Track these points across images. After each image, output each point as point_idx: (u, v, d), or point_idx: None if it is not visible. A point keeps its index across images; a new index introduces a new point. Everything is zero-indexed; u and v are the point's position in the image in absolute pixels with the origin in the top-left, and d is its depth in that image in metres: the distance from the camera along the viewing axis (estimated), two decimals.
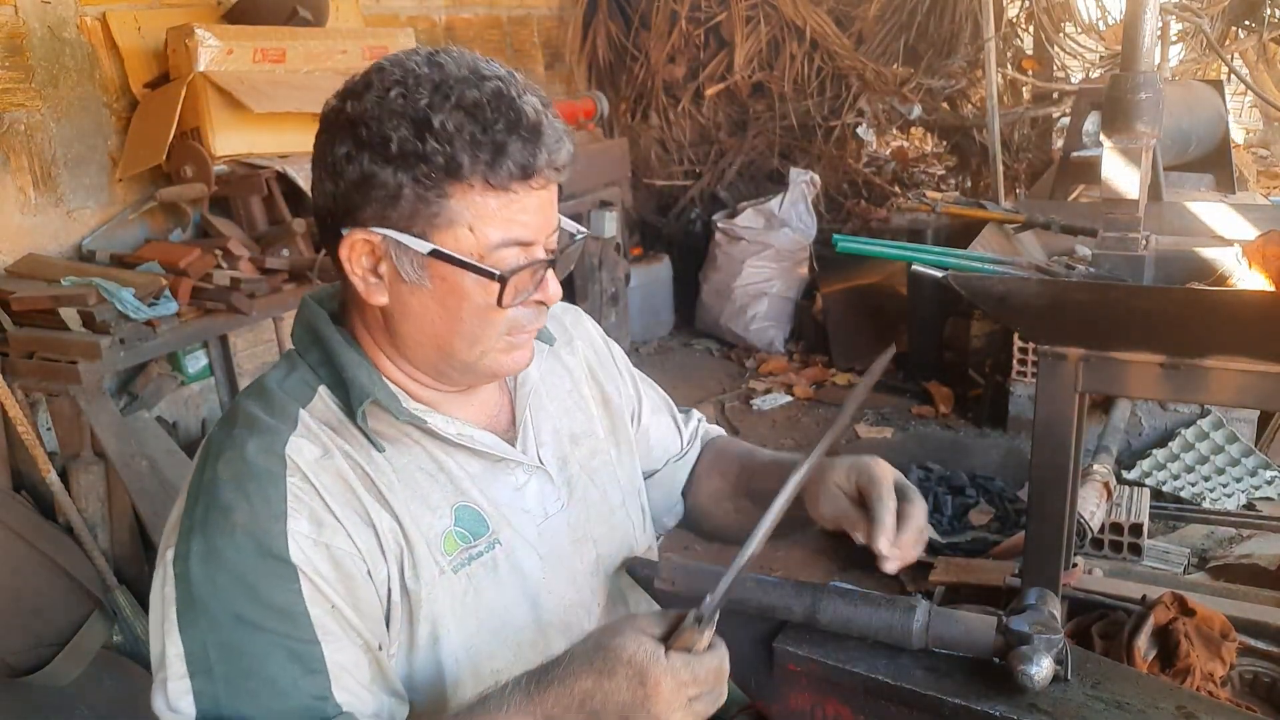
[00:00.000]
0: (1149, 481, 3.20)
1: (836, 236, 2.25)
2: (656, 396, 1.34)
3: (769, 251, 5.00)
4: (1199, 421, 3.38)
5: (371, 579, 0.95)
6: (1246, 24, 4.97)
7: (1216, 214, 2.36)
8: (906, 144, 6.00)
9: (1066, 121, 4.14)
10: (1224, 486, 3.16)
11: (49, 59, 2.80)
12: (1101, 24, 5.01)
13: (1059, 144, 4.75)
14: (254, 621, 0.88)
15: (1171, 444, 3.37)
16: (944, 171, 5.70)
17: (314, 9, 3.23)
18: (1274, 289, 1.87)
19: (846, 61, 5.13)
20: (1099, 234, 2.01)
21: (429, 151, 0.87)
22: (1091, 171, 2.68)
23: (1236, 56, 5.01)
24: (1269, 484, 3.13)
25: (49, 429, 2.55)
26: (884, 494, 1.06)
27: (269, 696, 0.88)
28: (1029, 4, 4.93)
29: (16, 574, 2.24)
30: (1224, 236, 2.28)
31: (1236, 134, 5.90)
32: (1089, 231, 2.15)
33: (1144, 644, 1.88)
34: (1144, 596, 2.03)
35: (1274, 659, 1.98)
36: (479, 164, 0.89)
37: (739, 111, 5.56)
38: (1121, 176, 1.90)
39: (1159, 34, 3.62)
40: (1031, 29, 5.04)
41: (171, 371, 3.03)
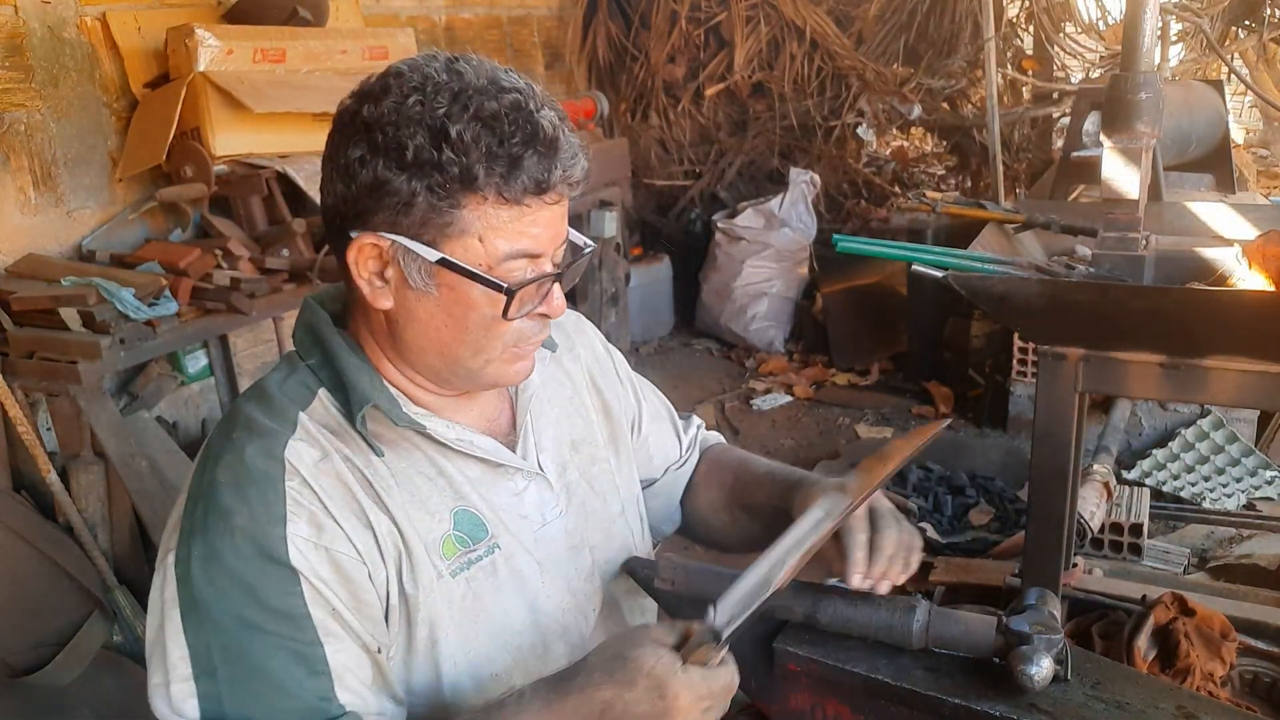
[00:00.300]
0: (1149, 481, 3.20)
1: (836, 236, 2.25)
2: (657, 403, 1.34)
3: (769, 251, 5.00)
4: (1199, 421, 3.38)
5: (371, 582, 0.95)
6: (1246, 24, 4.96)
7: (1216, 214, 2.35)
8: (906, 144, 6.00)
9: (1066, 121, 4.14)
10: (1224, 486, 3.16)
11: (49, 59, 2.80)
12: (1101, 24, 5.01)
13: (1059, 144, 4.75)
14: (256, 624, 0.88)
15: (1171, 444, 3.37)
16: (944, 171, 5.70)
17: (314, 9, 3.23)
18: (1274, 289, 1.87)
19: (846, 61, 5.13)
20: (1099, 234, 2.00)
21: (444, 161, 0.87)
22: (1091, 171, 2.68)
23: (1236, 56, 5.01)
24: (1269, 484, 3.13)
25: (49, 429, 2.55)
26: (853, 527, 1.06)
27: (273, 697, 0.89)
28: (1029, 4, 4.93)
29: (16, 574, 2.24)
30: (1224, 236, 2.28)
31: (1236, 134, 5.90)
32: (1089, 231, 2.14)
33: (1144, 644, 1.88)
34: (1144, 596, 2.03)
35: (1274, 659, 1.98)
36: (494, 176, 0.89)
37: (739, 111, 5.56)
38: (1121, 176, 1.90)
39: (1159, 34, 3.62)
40: (1031, 29, 5.04)
41: (171, 371, 3.03)
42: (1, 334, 2.45)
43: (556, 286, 0.99)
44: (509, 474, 1.08)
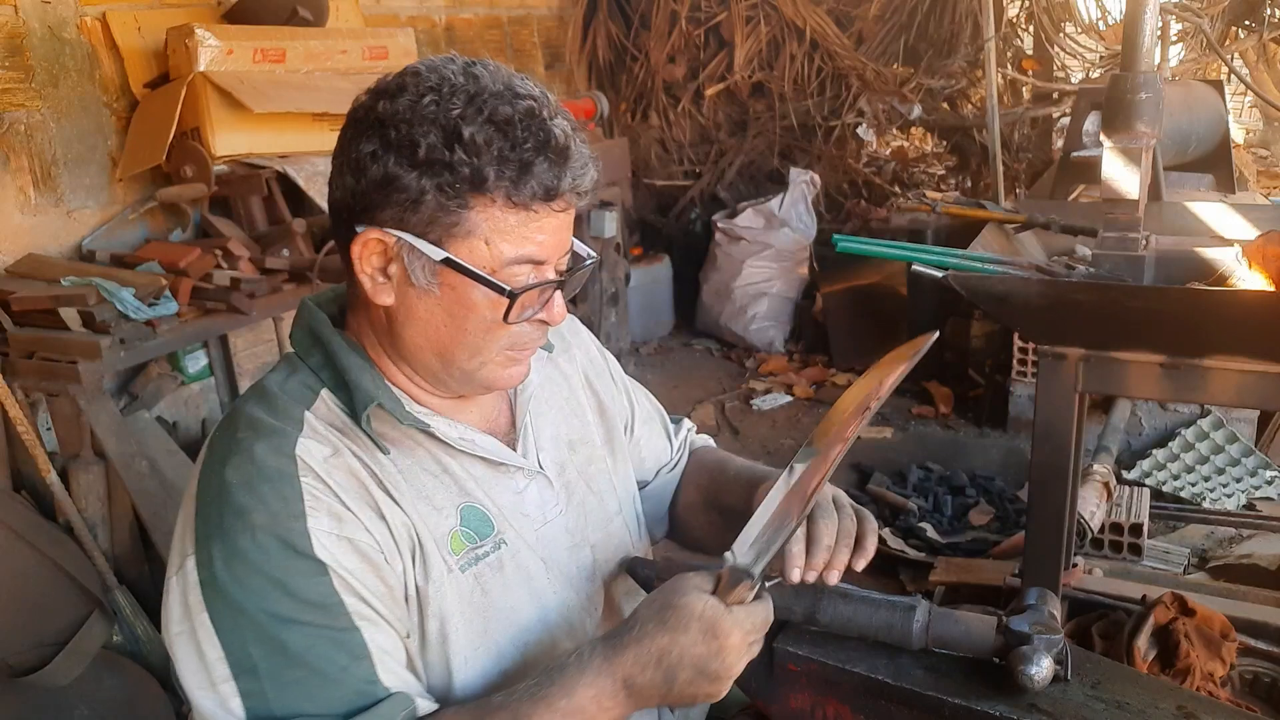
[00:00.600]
0: (1149, 481, 3.20)
1: (836, 236, 2.25)
2: (649, 406, 1.35)
3: (769, 251, 5.00)
4: (1199, 421, 3.38)
5: (391, 570, 0.96)
6: (1246, 24, 4.96)
7: (1216, 214, 2.35)
8: (906, 144, 6.00)
9: (1066, 121, 4.14)
10: (1224, 486, 3.16)
11: (49, 59, 2.80)
12: (1101, 24, 5.01)
13: (1059, 144, 4.75)
14: (290, 617, 0.89)
15: (1171, 444, 3.37)
16: (944, 171, 5.69)
17: (314, 9, 3.23)
18: (1274, 289, 1.87)
19: (846, 61, 5.13)
20: (1099, 234, 2.00)
21: (455, 161, 0.88)
22: (1091, 171, 2.67)
23: (1236, 56, 5.01)
24: (1269, 484, 3.13)
25: (49, 429, 2.55)
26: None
27: (318, 686, 0.89)
28: (1029, 4, 4.93)
29: (16, 574, 2.23)
30: (1224, 236, 2.28)
31: (1236, 134, 5.90)
32: (1089, 231, 2.14)
33: (1144, 644, 1.88)
34: (1144, 596, 2.03)
35: (1274, 659, 1.98)
36: (504, 180, 0.89)
37: (739, 111, 5.56)
38: (1121, 176, 1.90)
39: (1159, 34, 3.62)
40: (1031, 29, 5.04)
41: (171, 371, 3.03)
42: (1, 334, 2.44)
43: (558, 294, 1.00)
44: (510, 473, 1.08)
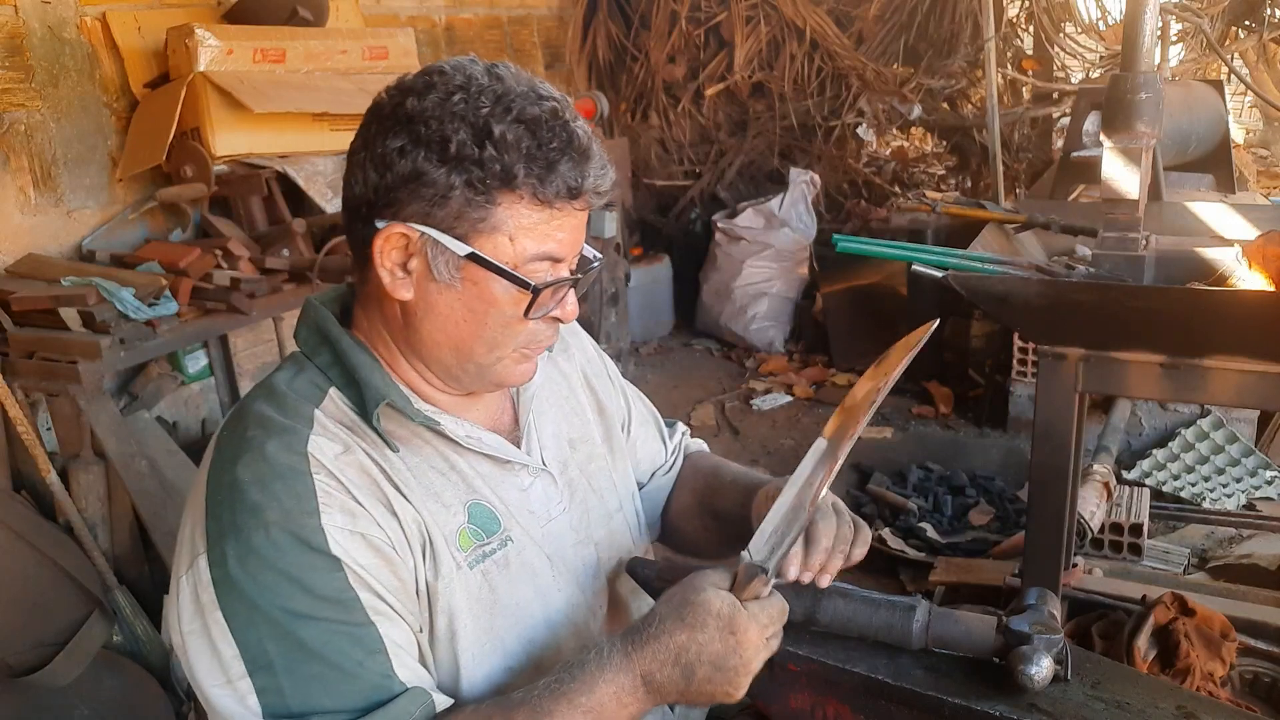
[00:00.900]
0: (1149, 481, 3.20)
1: (836, 236, 2.25)
2: (644, 409, 1.36)
3: (769, 251, 5.00)
4: (1199, 421, 3.38)
5: (403, 565, 0.96)
6: (1246, 24, 4.96)
7: (1216, 214, 2.35)
8: (906, 144, 6.00)
9: (1066, 121, 4.14)
10: (1224, 486, 3.16)
11: (49, 59, 2.80)
12: (1101, 24, 5.01)
13: (1059, 144, 4.75)
14: (306, 613, 0.89)
15: (1171, 444, 3.37)
16: (944, 171, 5.69)
17: (314, 9, 3.24)
18: (1274, 289, 1.87)
19: (846, 61, 5.13)
20: (1099, 234, 2.00)
21: (485, 158, 0.90)
22: (1091, 171, 2.67)
23: (1236, 56, 5.01)
24: (1269, 484, 3.13)
25: (49, 429, 2.55)
26: None
27: (335, 681, 0.89)
28: (1029, 4, 4.93)
29: (16, 574, 2.23)
30: (1224, 236, 2.28)
31: (1236, 134, 5.90)
32: (1089, 231, 2.14)
33: (1144, 644, 1.88)
34: (1144, 596, 2.03)
35: (1274, 659, 1.98)
36: (531, 177, 0.91)
37: (739, 111, 5.56)
38: (1121, 176, 1.90)
39: (1159, 34, 3.62)
40: (1031, 29, 5.04)
41: (171, 371, 3.03)
42: (1, 334, 2.44)
43: (572, 292, 1.02)
44: (515, 470, 1.09)
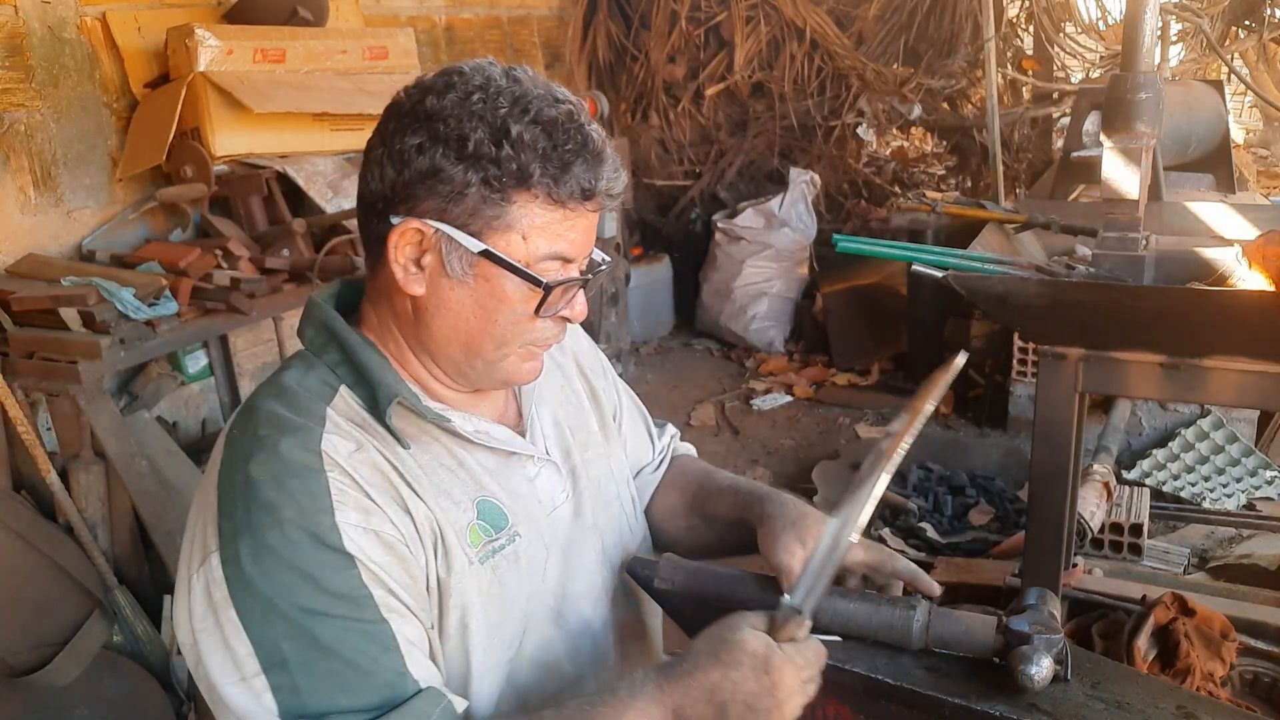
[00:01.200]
0: (1149, 481, 3.20)
1: (836, 236, 2.25)
2: (634, 407, 1.37)
3: (769, 251, 5.00)
4: (1199, 421, 3.38)
5: (415, 562, 0.97)
6: (1246, 24, 4.97)
7: (1216, 214, 2.36)
8: (906, 144, 6.00)
9: (1066, 121, 4.14)
10: (1224, 486, 3.16)
11: (49, 59, 2.80)
12: (1101, 24, 5.01)
13: (1059, 144, 4.75)
14: (320, 610, 0.89)
15: (1171, 444, 3.37)
16: (944, 171, 5.70)
17: (314, 9, 3.24)
18: (1274, 289, 1.87)
19: (846, 61, 5.13)
20: (1099, 234, 2.00)
21: (503, 157, 0.92)
22: (1091, 171, 2.67)
23: (1236, 56, 5.01)
24: (1269, 484, 3.13)
25: (49, 429, 2.55)
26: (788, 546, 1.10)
27: (350, 678, 0.89)
28: (1029, 4, 4.93)
29: (17, 574, 2.24)
30: (1224, 236, 2.28)
31: (1236, 134, 5.90)
32: (1089, 231, 2.14)
33: (1144, 644, 1.88)
34: (1144, 596, 2.03)
35: (1274, 659, 1.98)
36: (547, 176, 0.93)
37: (739, 111, 5.56)
38: (1121, 176, 1.90)
39: (1159, 34, 3.62)
40: (1031, 29, 5.04)
41: (171, 371, 3.03)
42: (1, 334, 2.44)
43: (581, 292, 1.03)
44: (521, 461, 1.10)
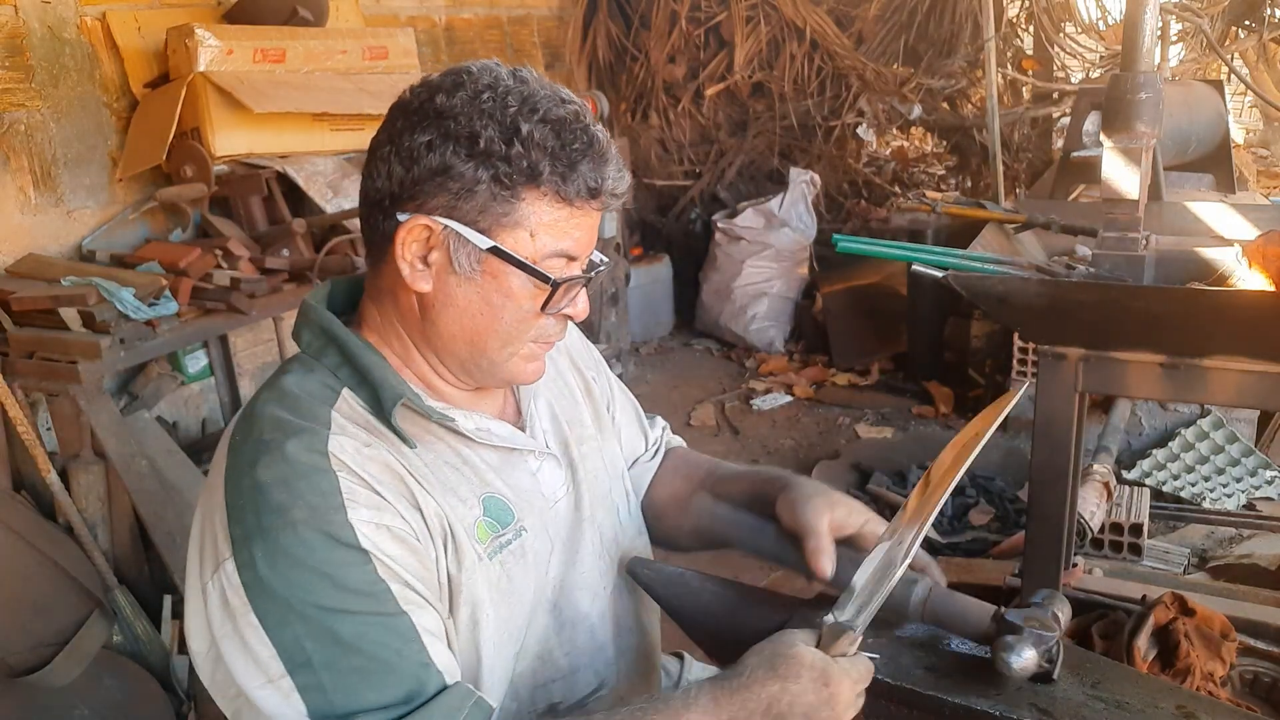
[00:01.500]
0: (1149, 481, 3.20)
1: (836, 236, 2.25)
2: (625, 399, 1.37)
3: (769, 251, 5.00)
4: (1199, 421, 3.38)
5: (426, 556, 0.97)
6: (1246, 24, 4.97)
7: (1216, 214, 2.36)
8: (906, 144, 6.00)
9: (1066, 121, 4.14)
10: (1224, 486, 3.16)
11: (49, 59, 2.80)
12: (1101, 24, 5.01)
13: (1059, 144, 4.75)
14: (340, 607, 0.89)
15: (1171, 444, 3.37)
16: (944, 171, 5.70)
17: (314, 9, 3.24)
18: (1274, 289, 1.87)
19: (846, 61, 5.13)
20: (1099, 234, 2.00)
21: (513, 154, 0.93)
22: (1091, 171, 2.68)
23: (1236, 56, 5.01)
24: (1269, 484, 3.13)
25: (49, 429, 2.55)
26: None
27: (376, 672, 0.89)
28: (1029, 4, 4.93)
29: (16, 574, 2.23)
30: (1224, 236, 2.28)
31: (1236, 134, 5.90)
32: (1089, 231, 2.14)
33: (1144, 644, 1.88)
34: (1144, 596, 2.03)
35: (1274, 659, 1.98)
36: (555, 174, 0.95)
37: (739, 111, 5.56)
38: (1121, 176, 1.90)
39: (1159, 34, 3.62)
40: (1031, 29, 5.04)
41: (171, 371, 3.03)
42: (1, 334, 2.44)
43: (584, 291, 1.04)
44: (523, 456, 1.11)
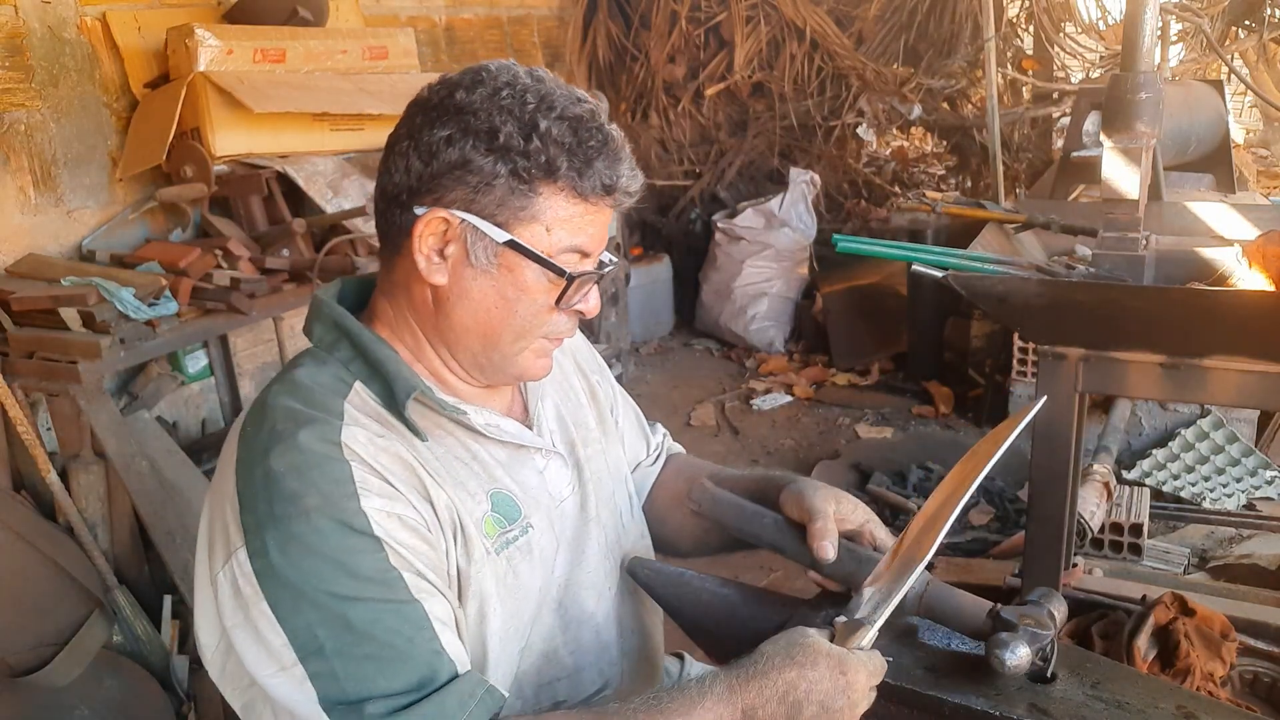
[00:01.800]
0: (1149, 481, 3.20)
1: (836, 236, 2.25)
2: (628, 404, 1.38)
3: (769, 251, 5.00)
4: (1199, 421, 3.38)
5: (437, 547, 0.98)
6: (1246, 24, 4.97)
7: (1216, 214, 2.36)
8: (906, 144, 6.00)
9: (1066, 121, 4.14)
10: (1224, 486, 3.16)
11: (49, 59, 2.80)
12: (1101, 24, 5.01)
13: (1059, 144, 4.75)
14: (352, 595, 0.90)
15: (1171, 444, 3.37)
16: (944, 171, 5.70)
17: (314, 9, 3.23)
18: (1274, 289, 1.87)
19: (846, 61, 5.13)
20: (1099, 234, 2.01)
21: (531, 150, 0.95)
22: (1091, 171, 2.68)
23: (1236, 56, 5.01)
24: (1269, 484, 3.13)
25: (49, 429, 2.55)
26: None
27: (388, 659, 0.90)
28: (1029, 4, 4.93)
29: (16, 574, 2.24)
30: (1224, 236, 2.28)
31: (1236, 134, 5.90)
32: (1089, 231, 2.14)
33: (1144, 644, 1.88)
34: (1144, 596, 2.03)
35: (1274, 659, 1.98)
36: (571, 170, 0.97)
37: (739, 111, 5.56)
38: (1121, 176, 1.90)
39: (1159, 34, 3.62)
40: (1031, 29, 5.04)
41: (171, 371, 3.03)
42: (1, 334, 2.44)
43: (595, 287, 1.05)
44: (530, 454, 1.12)
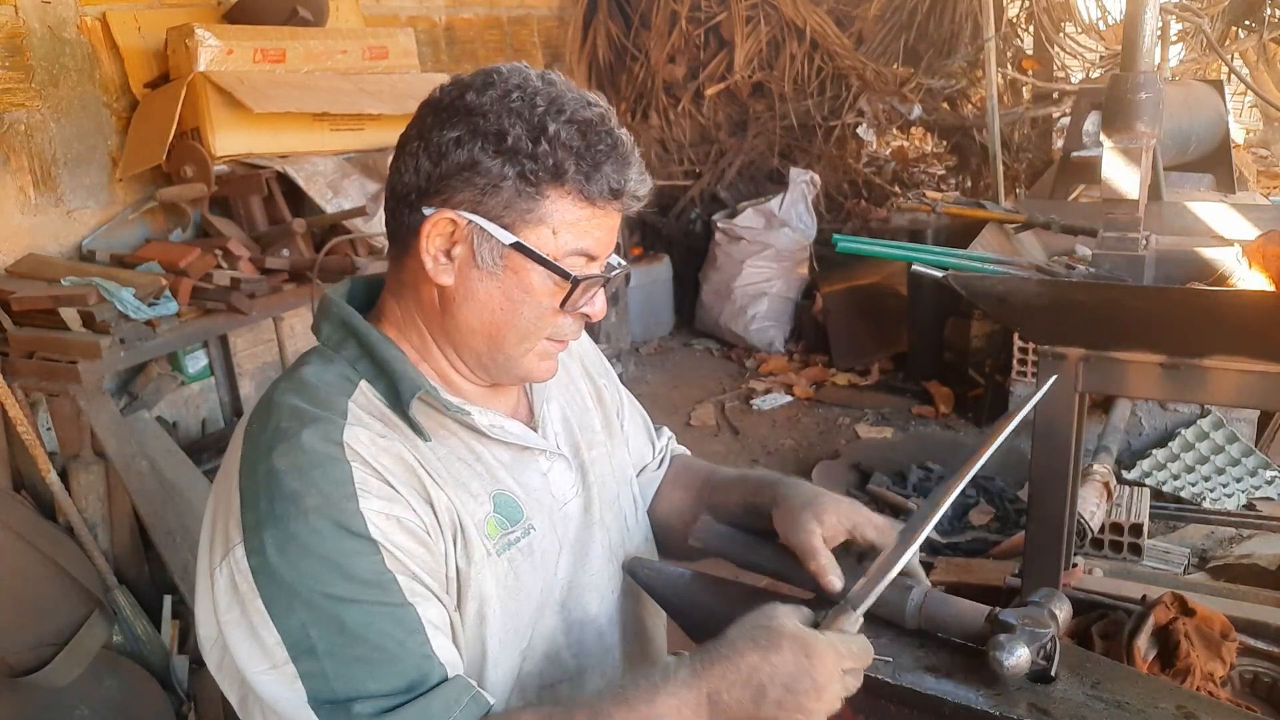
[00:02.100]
0: (1149, 481, 3.20)
1: (836, 236, 2.25)
2: (634, 407, 1.38)
3: (769, 251, 5.00)
4: (1199, 421, 3.38)
5: (435, 550, 0.98)
6: (1246, 24, 4.97)
7: (1216, 214, 2.36)
8: (906, 144, 6.00)
9: (1066, 121, 4.14)
10: (1224, 486, 3.16)
11: (49, 59, 2.80)
12: (1101, 24, 5.02)
13: (1059, 144, 4.75)
14: (347, 597, 0.90)
15: (1171, 444, 3.37)
16: (944, 171, 5.70)
17: (314, 9, 3.23)
18: (1274, 289, 1.87)
19: (846, 61, 5.13)
20: (1099, 234, 2.01)
21: (540, 153, 0.95)
22: (1091, 171, 2.68)
23: (1236, 56, 5.01)
24: (1269, 484, 3.13)
25: (49, 429, 2.55)
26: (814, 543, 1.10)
27: (378, 662, 0.90)
28: (1029, 4, 4.93)
29: (16, 574, 2.24)
30: (1224, 236, 2.28)
31: (1236, 134, 5.90)
32: (1089, 231, 2.15)
33: (1144, 644, 1.88)
34: (1144, 596, 2.03)
35: (1274, 659, 1.98)
36: (579, 174, 0.97)
37: (739, 111, 5.57)
38: (1121, 176, 1.90)
39: (1159, 34, 3.62)
40: (1031, 29, 5.04)
41: (171, 371, 3.03)
42: (1, 334, 2.44)
43: (601, 290, 1.06)
44: (534, 456, 1.12)
